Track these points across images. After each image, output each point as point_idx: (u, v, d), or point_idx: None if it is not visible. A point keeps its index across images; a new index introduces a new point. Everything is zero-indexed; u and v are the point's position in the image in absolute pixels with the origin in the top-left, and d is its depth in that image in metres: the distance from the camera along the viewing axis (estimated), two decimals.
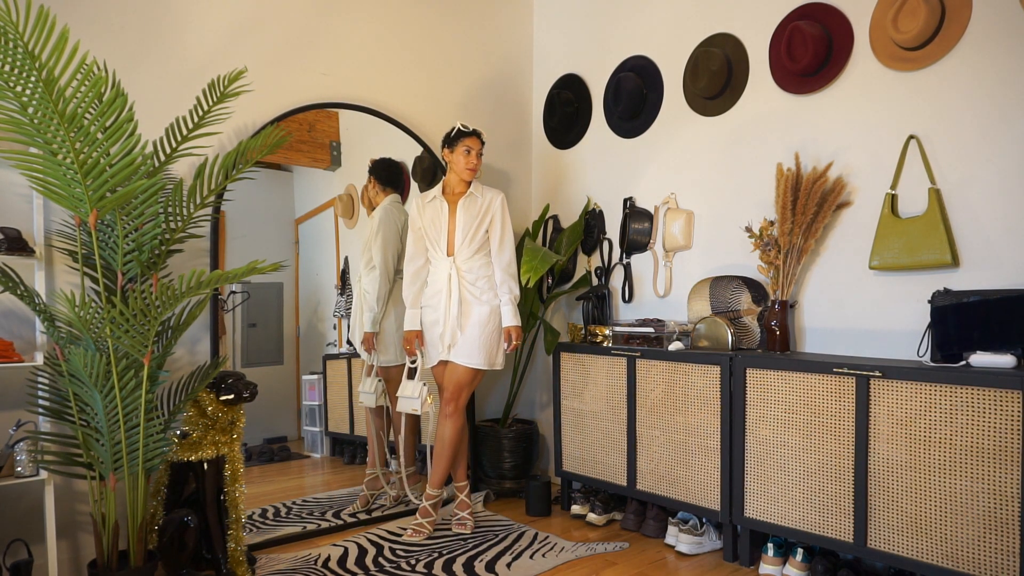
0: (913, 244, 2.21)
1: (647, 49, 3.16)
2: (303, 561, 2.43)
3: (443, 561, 2.43)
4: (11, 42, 1.67)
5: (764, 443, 2.34)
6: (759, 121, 2.72)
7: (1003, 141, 2.10)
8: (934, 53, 2.22)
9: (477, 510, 3.00)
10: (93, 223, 1.88)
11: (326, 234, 3.07)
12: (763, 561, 2.33)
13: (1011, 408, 1.81)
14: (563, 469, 3.09)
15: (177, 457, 2.20)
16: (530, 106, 3.73)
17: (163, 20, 2.48)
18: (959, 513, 1.91)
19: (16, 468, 2.02)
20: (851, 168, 2.44)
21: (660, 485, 2.67)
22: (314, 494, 3.00)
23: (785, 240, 2.48)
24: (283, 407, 3.04)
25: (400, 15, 3.16)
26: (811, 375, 2.21)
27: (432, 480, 2.76)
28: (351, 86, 3.00)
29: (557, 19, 3.60)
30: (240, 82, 2.59)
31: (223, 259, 2.65)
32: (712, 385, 2.48)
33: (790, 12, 2.61)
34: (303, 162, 2.93)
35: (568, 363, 3.06)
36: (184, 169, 2.48)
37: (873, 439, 2.07)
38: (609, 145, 3.33)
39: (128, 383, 1.94)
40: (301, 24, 2.84)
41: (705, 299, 2.73)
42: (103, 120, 1.82)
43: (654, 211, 3.12)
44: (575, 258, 3.47)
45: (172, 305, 1.88)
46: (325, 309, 3.09)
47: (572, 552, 2.53)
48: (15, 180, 2.19)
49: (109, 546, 2.00)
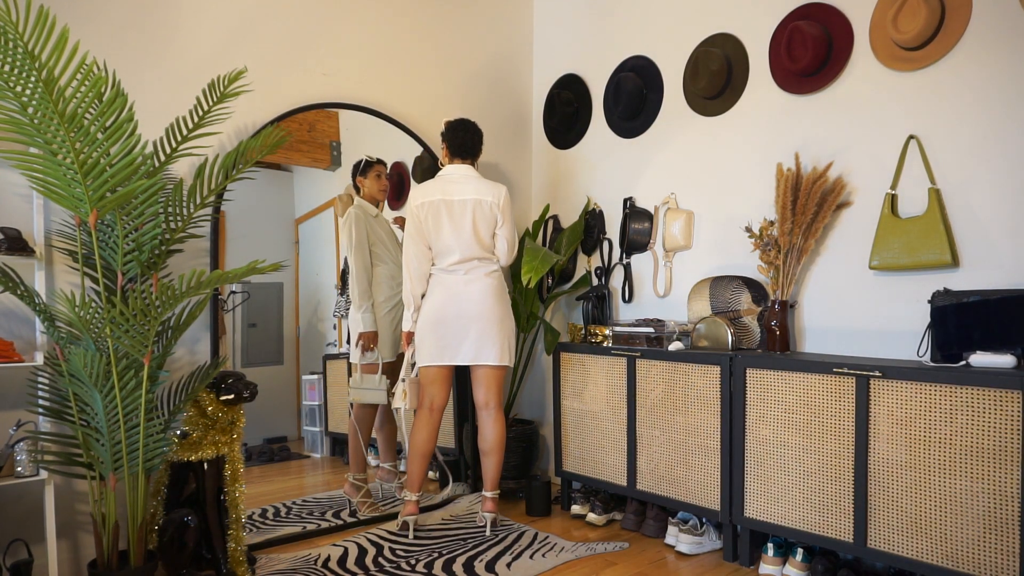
0: (913, 244, 2.21)
1: (647, 49, 3.16)
2: (303, 561, 2.43)
3: (443, 561, 2.43)
4: (11, 42, 1.67)
5: (764, 443, 2.34)
6: (759, 121, 2.72)
7: (1003, 141, 2.10)
8: (934, 53, 2.22)
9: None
10: (93, 223, 1.88)
11: (326, 234, 3.07)
12: (763, 561, 2.33)
13: (1011, 408, 1.81)
14: (563, 469, 3.09)
15: (177, 457, 2.20)
16: (530, 106, 3.73)
17: (163, 20, 2.48)
18: (959, 513, 1.91)
19: (16, 468, 2.02)
20: (851, 168, 2.44)
21: (660, 485, 2.67)
22: (314, 494, 3.00)
23: (785, 240, 2.48)
24: (283, 407, 3.04)
25: (400, 16, 3.16)
26: (811, 375, 2.21)
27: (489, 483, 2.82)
28: (351, 86, 3.00)
29: (557, 19, 3.60)
30: (240, 82, 2.60)
31: (223, 259, 2.65)
32: (712, 385, 2.48)
33: (790, 12, 2.61)
34: (303, 162, 2.93)
35: (568, 363, 3.06)
36: (184, 169, 2.48)
37: (873, 439, 2.07)
38: (609, 145, 3.33)
39: (128, 383, 1.94)
40: (301, 24, 2.84)
41: (705, 299, 2.73)
42: (103, 120, 1.82)
43: (654, 211, 3.12)
44: (575, 258, 3.47)
45: (172, 305, 1.89)
46: (325, 309, 3.09)
47: (572, 552, 2.53)
48: (15, 180, 2.19)
49: (109, 546, 2.00)
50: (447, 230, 2.68)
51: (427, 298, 2.74)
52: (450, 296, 2.69)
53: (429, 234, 2.71)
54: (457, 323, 2.68)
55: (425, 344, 2.71)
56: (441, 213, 2.68)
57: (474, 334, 2.68)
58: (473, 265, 2.71)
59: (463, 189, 2.69)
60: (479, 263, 2.72)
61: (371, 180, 3.02)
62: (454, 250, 2.69)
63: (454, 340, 2.68)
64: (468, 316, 2.67)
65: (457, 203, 2.68)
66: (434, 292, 2.72)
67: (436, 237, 2.70)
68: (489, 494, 2.77)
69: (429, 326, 2.70)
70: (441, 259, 2.72)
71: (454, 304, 2.68)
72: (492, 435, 2.77)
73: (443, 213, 2.68)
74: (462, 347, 2.69)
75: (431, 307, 2.71)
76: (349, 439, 2.99)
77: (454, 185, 2.70)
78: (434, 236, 2.70)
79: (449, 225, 2.68)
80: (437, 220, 2.68)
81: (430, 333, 2.69)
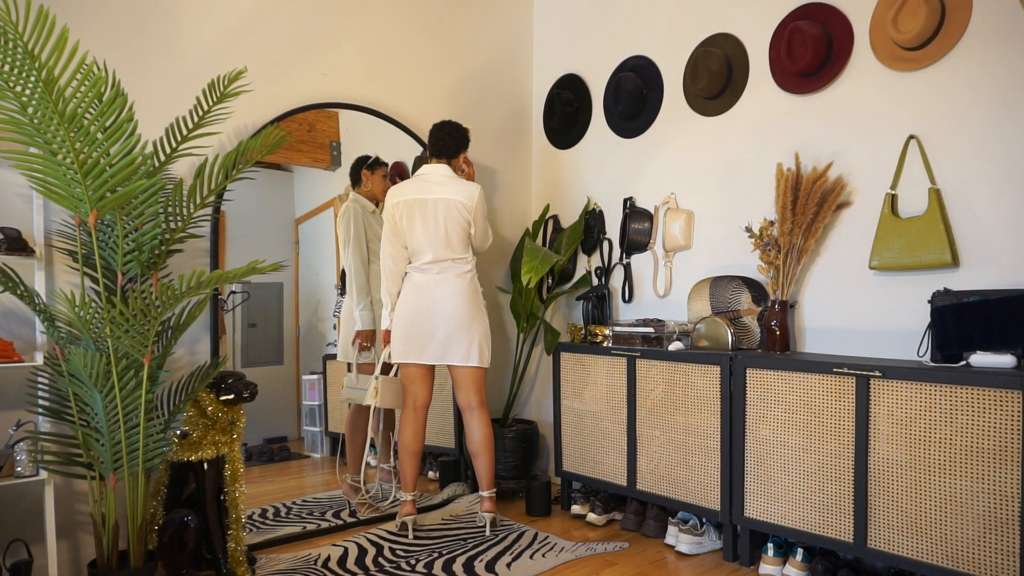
0: (913, 244, 2.21)
1: (647, 49, 3.16)
2: (303, 561, 2.43)
3: (443, 561, 2.43)
4: (11, 42, 1.67)
5: (764, 443, 2.34)
6: (759, 121, 2.72)
7: (1004, 141, 2.10)
8: (934, 53, 2.22)
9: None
10: (93, 223, 1.88)
11: (326, 234, 3.07)
12: (763, 561, 2.33)
13: (1011, 408, 1.81)
14: (563, 469, 3.09)
15: (177, 457, 2.20)
16: (530, 106, 3.73)
17: (163, 20, 2.48)
18: (959, 513, 1.91)
19: (16, 468, 2.02)
20: (851, 168, 2.44)
21: (660, 485, 2.67)
22: (314, 494, 3.00)
23: (785, 240, 2.48)
24: (283, 407, 3.04)
25: (400, 16, 3.16)
26: (811, 375, 2.21)
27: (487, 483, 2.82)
28: (351, 86, 3.00)
29: (557, 19, 3.60)
30: (240, 82, 2.60)
31: (223, 259, 2.65)
32: (712, 385, 2.48)
33: (790, 12, 2.61)
34: (303, 162, 2.93)
35: (568, 363, 3.06)
36: (184, 169, 2.48)
37: (873, 439, 2.07)
38: (609, 145, 3.33)
39: (128, 383, 1.94)
40: (301, 24, 2.84)
41: (705, 299, 2.73)
42: (103, 120, 1.82)
43: (654, 211, 3.12)
44: (575, 258, 3.47)
45: (172, 305, 1.88)
46: (325, 309, 3.09)
47: (572, 552, 2.53)
48: (15, 180, 2.19)
49: (109, 546, 2.00)
50: (420, 230, 2.70)
51: (400, 296, 2.77)
52: (420, 295, 2.71)
53: (404, 233, 2.72)
54: (427, 322, 2.70)
55: (396, 341, 2.74)
56: (415, 212, 2.70)
57: (442, 334, 2.70)
58: (446, 266, 2.72)
59: (437, 189, 2.71)
60: (452, 263, 2.73)
61: (377, 178, 3.03)
62: (427, 250, 2.71)
63: (421, 339, 2.71)
64: (437, 316, 2.69)
65: (430, 202, 2.69)
66: (406, 291, 2.75)
67: (410, 236, 2.72)
68: (486, 494, 2.77)
69: (400, 324, 2.73)
70: (416, 258, 2.75)
71: (424, 303, 2.70)
72: (478, 435, 2.77)
73: (416, 212, 2.70)
74: (428, 346, 2.71)
75: (403, 305, 2.74)
76: (346, 440, 2.99)
77: (429, 184, 2.72)
78: (408, 235, 2.72)
79: (422, 225, 2.69)
80: (411, 219, 2.70)
81: (401, 331, 2.72)
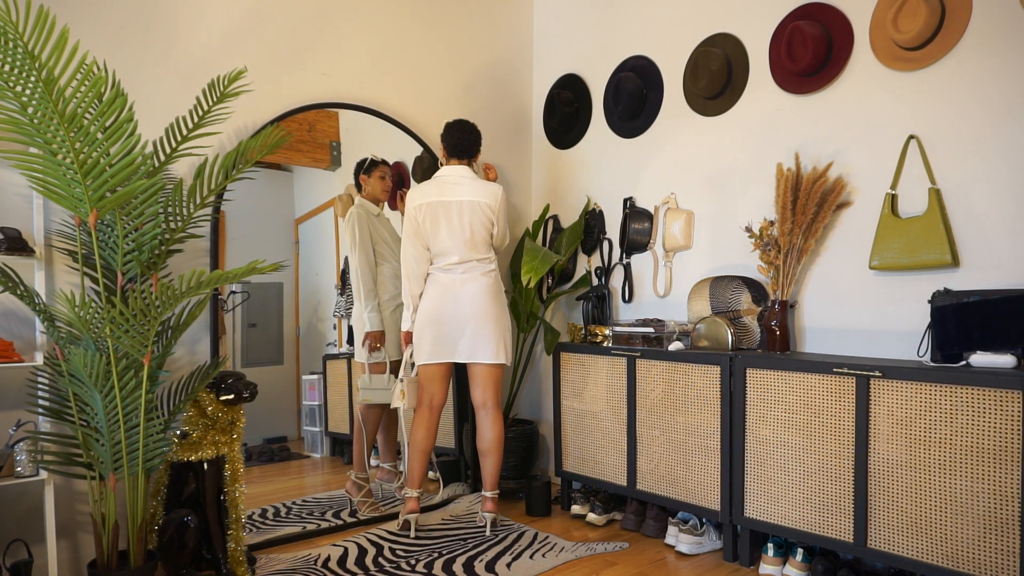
0: (913, 244, 2.21)
1: (647, 49, 3.16)
2: (303, 561, 2.43)
3: (443, 561, 2.43)
4: (11, 42, 1.67)
5: (764, 443, 2.34)
6: (759, 121, 2.72)
7: (1004, 141, 2.10)
8: (934, 53, 2.22)
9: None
10: (93, 223, 1.88)
11: (326, 234, 3.07)
12: (763, 561, 2.33)
13: (1011, 408, 1.81)
14: (563, 469, 3.09)
15: (177, 457, 2.20)
16: (530, 106, 3.73)
17: (163, 20, 2.48)
18: (959, 513, 1.91)
19: (16, 468, 2.02)
20: (851, 168, 2.44)
21: (660, 485, 2.67)
22: (314, 494, 3.00)
23: (785, 240, 2.48)
24: (283, 407, 3.04)
25: (400, 15, 3.16)
26: (811, 375, 2.21)
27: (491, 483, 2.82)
28: (351, 86, 3.00)
29: (557, 19, 3.60)
30: (240, 82, 2.60)
31: (223, 259, 2.65)
32: (712, 385, 2.48)
33: (790, 12, 2.61)
34: (303, 162, 2.93)
35: (568, 363, 3.06)
36: (184, 169, 2.48)
37: (873, 439, 2.07)
38: (609, 145, 3.33)
39: (128, 383, 1.94)
40: (301, 24, 2.84)
41: (705, 299, 2.73)
42: (103, 120, 1.82)
43: (654, 211, 3.12)
44: (575, 258, 3.47)
45: (172, 305, 1.88)
46: (325, 309, 3.09)
47: (572, 552, 2.53)
48: (15, 180, 2.19)
49: (109, 546, 2.00)
50: (444, 231, 2.71)
51: (424, 297, 2.77)
52: (446, 295, 2.72)
53: (427, 235, 2.73)
54: (453, 321, 2.71)
55: (422, 343, 2.74)
56: (439, 215, 2.71)
57: (470, 332, 2.71)
58: (471, 266, 2.73)
59: (460, 190, 2.71)
60: (477, 263, 2.74)
61: (374, 180, 3.03)
62: (452, 251, 2.72)
63: (450, 338, 2.72)
64: (464, 315, 2.70)
65: (454, 204, 2.70)
66: (431, 291, 2.75)
67: (434, 238, 2.72)
68: (489, 494, 2.77)
69: (426, 325, 2.73)
70: (439, 259, 2.75)
71: (450, 303, 2.71)
72: (490, 435, 2.77)
73: (440, 215, 2.71)
74: (458, 345, 2.73)
75: (428, 306, 2.74)
76: (354, 437, 3.00)
77: (451, 186, 2.72)
78: (432, 237, 2.73)
79: (446, 226, 2.70)
80: (435, 222, 2.71)
81: (427, 332, 2.73)
